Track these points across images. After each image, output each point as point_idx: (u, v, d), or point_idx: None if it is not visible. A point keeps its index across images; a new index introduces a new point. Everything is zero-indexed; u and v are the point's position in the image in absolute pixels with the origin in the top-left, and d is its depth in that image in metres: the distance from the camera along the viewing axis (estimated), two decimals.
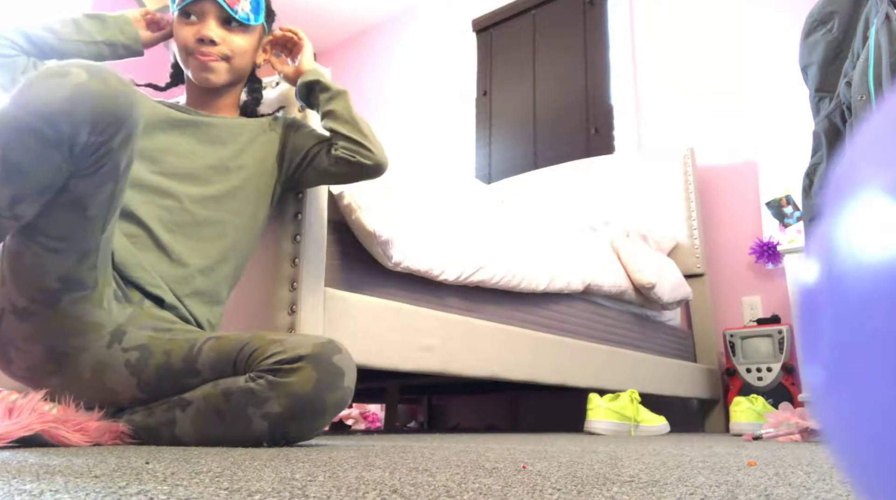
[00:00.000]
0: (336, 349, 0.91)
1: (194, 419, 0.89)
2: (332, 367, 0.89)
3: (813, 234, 0.20)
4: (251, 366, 0.90)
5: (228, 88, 1.21)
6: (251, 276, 1.23)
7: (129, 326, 0.94)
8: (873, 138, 0.19)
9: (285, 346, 0.89)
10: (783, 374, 2.31)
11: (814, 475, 0.61)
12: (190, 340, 0.94)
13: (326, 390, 0.89)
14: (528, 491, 0.45)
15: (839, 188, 0.19)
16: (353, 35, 4.39)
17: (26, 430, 0.77)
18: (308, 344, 0.90)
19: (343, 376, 0.91)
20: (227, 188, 1.11)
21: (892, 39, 1.22)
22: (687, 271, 2.65)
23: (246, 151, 1.15)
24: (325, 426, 0.92)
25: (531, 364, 1.69)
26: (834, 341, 0.18)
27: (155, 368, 0.91)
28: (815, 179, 1.40)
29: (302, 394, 0.87)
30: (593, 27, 3.31)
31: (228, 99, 1.22)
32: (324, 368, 0.89)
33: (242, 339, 0.92)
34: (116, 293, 0.95)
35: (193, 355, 0.92)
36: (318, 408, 0.89)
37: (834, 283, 0.18)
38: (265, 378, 0.87)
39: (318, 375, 0.88)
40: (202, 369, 0.91)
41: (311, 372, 0.88)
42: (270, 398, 0.87)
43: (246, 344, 0.91)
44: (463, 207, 1.61)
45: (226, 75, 1.17)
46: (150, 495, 0.38)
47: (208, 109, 1.20)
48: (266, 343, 0.90)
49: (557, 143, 3.30)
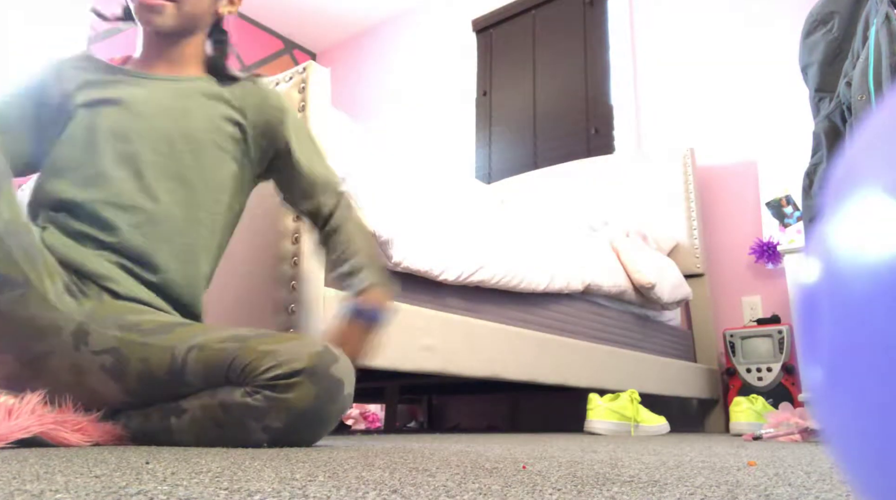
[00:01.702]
0: (333, 358, 0.88)
1: (191, 426, 0.87)
2: (331, 379, 0.86)
3: (813, 234, 0.20)
4: (246, 380, 0.85)
5: (181, 38, 1.10)
6: (251, 276, 1.23)
7: (91, 324, 0.89)
8: (873, 138, 0.19)
9: (280, 358, 0.85)
10: (783, 374, 2.31)
11: (814, 475, 0.61)
12: (167, 347, 0.88)
13: (327, 403, 0.86)
14: (528, 491, 0.45)
15: (839, 188, 0.19)
16: (353, 35, 4.39)
17: (25, 432, 0.76)
18: (304, 356, 0.85)
19: (342, 386, 0.88)
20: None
21: (892, 39, 1.22)
22: (687, 271, 2.65)
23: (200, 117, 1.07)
24: (326, 433, 0.91)
25: (531, 364, 1.69)
26: (834, 341, 0.18)
27: (137, 375, 0.88)
28: (815, 179, 1.40)
29: (302, 410, 0.84)
30: (593, 27, 3.31)
31: (186, 51, 1.11)
32: (322, 381, 0.86)
33: (229, 350, 0.87)
34: (70, 288, 0.91)
35: (178, 366, 0.87)
36: (319, 420, 0.87)
37: (834, 283, 0.18)
38: (262, 394, 0.84)
39: (318, 389, 0.85)
40: (193, 380, 0.87)
41: (310, 387, 0.85)
42: (270, 414, 0.84)
43: (236, 357, 0.86)
44: (463, 207, 1.61)
45: (173, 20, 1.05)
46: (150, 495, 0.38)
47: (162, 67, 1.10)
48: (259, 356, 0.85)
49: (557, 143, 3.30)
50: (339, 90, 4.35)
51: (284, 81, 1.31)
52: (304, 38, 4.40)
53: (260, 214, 1.26)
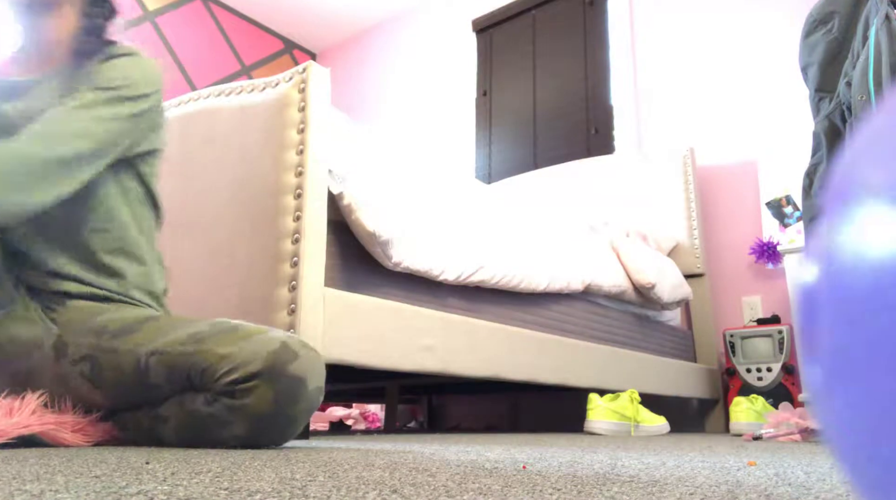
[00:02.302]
0: (292, 355, 0.83)
1: (175, 433, 0.86)
2: (290, 379, 0.82)
3: (813, 234, 0.20)
4: (205, 386, 0.83)
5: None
6: (251, 276, 1.23)
7: (67, 335, 0.90)
8: (873, 138, 0.19)
9: (236, 361, 0.81)
10: (783, 374, 2.31)
11: (814, 475, 0.61)
12: (134, 352, 0.86)
13: (288, 405, 0.82)
14: (528, 491, 0.45)
15: (839, 188, 0.19)
16: (353, 35, 4.39)
17: (25, 429, 0.77)
18: (260, 357, 0.82)
19: (304, 383, 0.83)
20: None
21: (892, 39, 1.22)
22: (687, 271, 2.65)
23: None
24: (295, 433, 0.88)
25: (531, 364, 1.69)
26: (834, 341, 0.18)
27: (112, 383, 0.87)
28: (815, 179, 1.40)
29: (262, 415, 0.81)
30: (593, 27, 3.31)
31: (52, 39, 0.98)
32: (280, 382, 0.81)
33: (188, 354, 0.84)
34: (44, 302, 0.92)
35: (143, 371, 0.85)
36: (283, 423, 0.83)
37: (834, 283, 0.18)
38: (221, 402, 0.82)
39: (276, 392, 0.81)
40: (160, 384, 0.86)
41: (267, 391, 0.81)
42: (232, 422, 0.81)
43: (193, 363, 0.83)
44: (463, 207, 1.61)
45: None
46: (150, 495, 0.38)
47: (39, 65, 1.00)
48: (215, 360, 0.82)
49: (557, 143, 3.30)
50: (339, 90, 4.35)
51: (284, 81, 1.31)
52: (304, 38, 4.40)
53: (260, 214, 1.26)
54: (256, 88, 1.36)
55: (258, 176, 1.28)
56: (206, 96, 1.45)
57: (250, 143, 1.32)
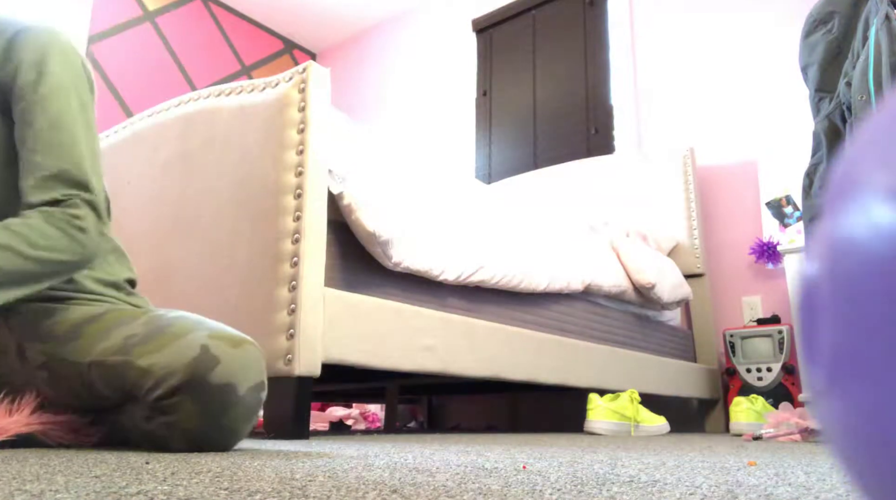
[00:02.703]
0: (212, 361, 0.77)
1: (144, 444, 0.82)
2: (213, 388, 0.76)
3: (813, 234, 0.20)
4: (139, 400, 0.79)
5: None
6: (251, 276, 1.23)
7: (24, 341, 0.88)
8: (873, 138, 0.19)
9: (157, 376, 0.76)
10: (783, 374, 2.31)
11: (814, 475, 0.61)
12: (78, 363, 0.83)
13: (217, 416, 0.76)
14: (528, 491, 0.45)
15: (839, 188, 0.19)
16: (353, 35, 4.39)
17: (25, 427, 0.77)
18: (179, 368, 0.76)
19: (233, 389, 0.77)
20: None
21: (892, 39, 1.22)
22: (687, 271, 2.65)
23: None
24: (241, 438, 0.82)
25: (531, 364, 1.69)
26: (834, 341, 0.18)
27: (68, 392, 0.85)
28: (815, 179, 1.40)
29: (193, 429, 0.76)
30: (593, 27, 3.31)
31: None
32: (202, 394, 0.76)
33: (118, 365, 0.80)
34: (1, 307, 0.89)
35: (89, 383, 0.82)
36: (219, 434, 0.78)
37: (834, 283, 0.18)
38: (155, 420, 0.77)
39: (199, 406, 0.76)
40: (109, 395, 0.82)
41: (190, 405, 0.75)
42: (169, 437, 0.77)
43: (124, 376, 0.79)
44: (463, 207, 1.61)
45: None
46: (150, 495, 0.38)
47: None
48: (139, 374, 0.78)
49: (557, 143, 3.30)
50: (339, 90, 4.35)
51: (284, 81, 1.31)
52: (304, 38, 4.40)
53: (260, 215, 1.26)
54: (256, 88, 1.36)
55: (258, 176, 1.28)
56: (206, 96, 1.45)
57: (250, 143, 1.32)
